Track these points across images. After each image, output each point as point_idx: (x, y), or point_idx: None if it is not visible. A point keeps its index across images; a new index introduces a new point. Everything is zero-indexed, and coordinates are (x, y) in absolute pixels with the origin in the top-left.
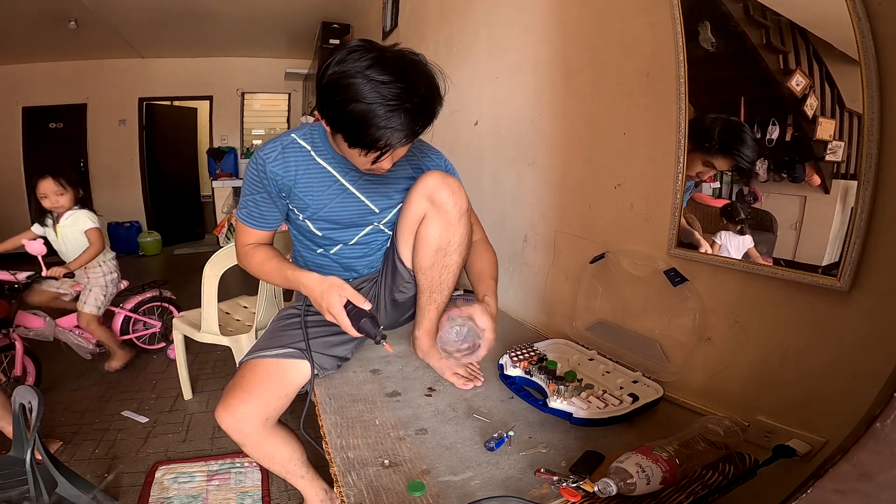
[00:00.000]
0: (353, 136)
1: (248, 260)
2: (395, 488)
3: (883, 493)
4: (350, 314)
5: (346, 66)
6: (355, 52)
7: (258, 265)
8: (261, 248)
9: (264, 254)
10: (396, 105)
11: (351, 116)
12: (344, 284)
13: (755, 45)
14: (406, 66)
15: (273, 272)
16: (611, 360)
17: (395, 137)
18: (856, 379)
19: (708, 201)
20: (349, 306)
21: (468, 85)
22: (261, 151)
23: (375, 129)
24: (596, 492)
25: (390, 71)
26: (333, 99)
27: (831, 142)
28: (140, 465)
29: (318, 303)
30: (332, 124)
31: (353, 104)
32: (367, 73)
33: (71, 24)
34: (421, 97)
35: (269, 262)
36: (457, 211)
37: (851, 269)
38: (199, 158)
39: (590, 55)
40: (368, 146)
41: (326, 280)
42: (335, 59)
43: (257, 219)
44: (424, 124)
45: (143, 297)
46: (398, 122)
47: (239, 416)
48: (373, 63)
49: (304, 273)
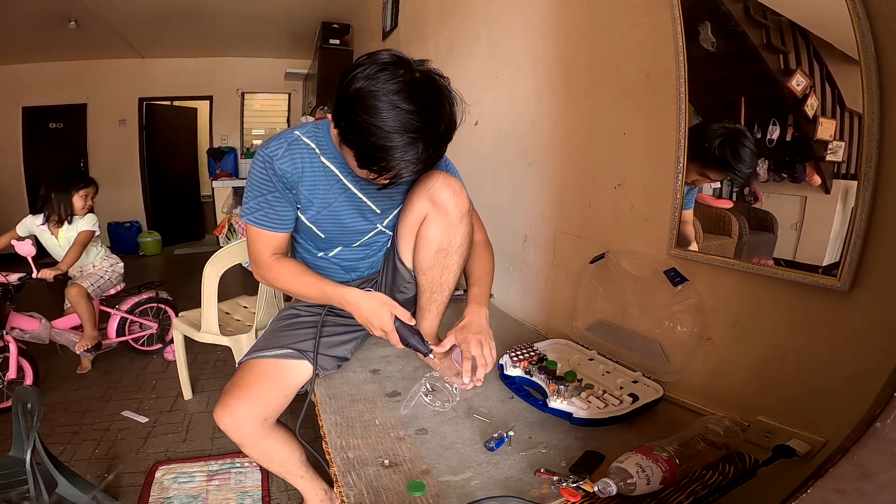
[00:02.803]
0: (365, 160)
1: (273, 273)
2: (395, 488)
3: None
4: (398, 330)
5: (373, 84)
6: (385, 70)
7: (288, 278)
8: (287, 260)
9: (294, 266)
10: (416, 138)
11: (369, 141)
12: (393, 302)
13: (755, 45)
14: (432, 95)
15: (307, 286)
16: (611, 360)
17: (407, 169)
18: (856, 379)
19: (709, 202)
20: (397, 322)
21: (468, 85)
22: (265, 150)
23: (391, 160)
24: (596, 492)
25: (416, 100)
26: (354, 118)
27: (832, 142)
28: (140, 465)
29: (367, 319)
30: (346, 140)
31: (374, 129)
32: (393, 99)
33: (71, 24)
34: (441, 132)
35: (302, 276)
36: (458, 212)
37: (851, 269)
38: (199, 158)
39: (590, 55)
40: (379, 172)
41: (373, 297)
42: (363, 72)
43: (274, 220)
44: (437, 158)
45: (140, 298)
46: (414, 155)
47: (238, 417)
48: (401, 88)
49: (347, 289)
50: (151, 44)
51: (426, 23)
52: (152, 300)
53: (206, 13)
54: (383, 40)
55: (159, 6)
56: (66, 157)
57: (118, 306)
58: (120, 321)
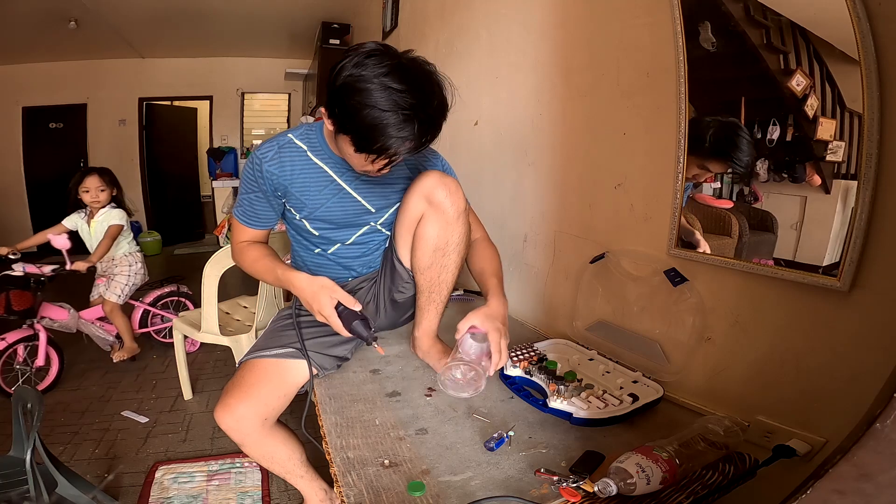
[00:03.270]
0: (362, 142)
1: (241, 257)
2: (395, 488)
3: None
4: (341, 315)
5: (362, 70)
6: (372, 56)
7: (251, 263)
8: (254, 246)
9: (257, 252)
10: (410, 115)
11: (364, 122)
12: (334, 286)
13: (755, 45)
14: (421, 76)
15: (265, 271)
16: (611, 360)
17: (404, 147)
18: (855, 379)
19: (709, 201)
20: (340, 307)
21: (468, 85)
22: (257, 151)
23: (387, 138)
24: (596, 492)
25: (407, 80)
26: (347, 102)
27: (832, 142)
28: (140, 465)
29: (309, 304)
30: (341, 127)
31: (368, 109)
32: (383, 81)
33: (71, 24)
34: (434, 109)
35: (262, 261)
36: (454, 211)
37: (851, 269)
38: (199, 158)
39: (590, 55)
40: (377, 153)
41: (316, 281)
42: (351, 60)
43: (251, 217)
44: (432, 136)
45: (162, 291)
46: (410, 132)
47: (238, 416)
48: (390, 70)
49: (294, 273)
50: (151, 44)
51: (426, 23)
52: (174, 294)
53: (206, 13)
54: (383, 40)
55: (159, 6)
56: (66, 157)
57: (142, 299)
58: (143, 313)
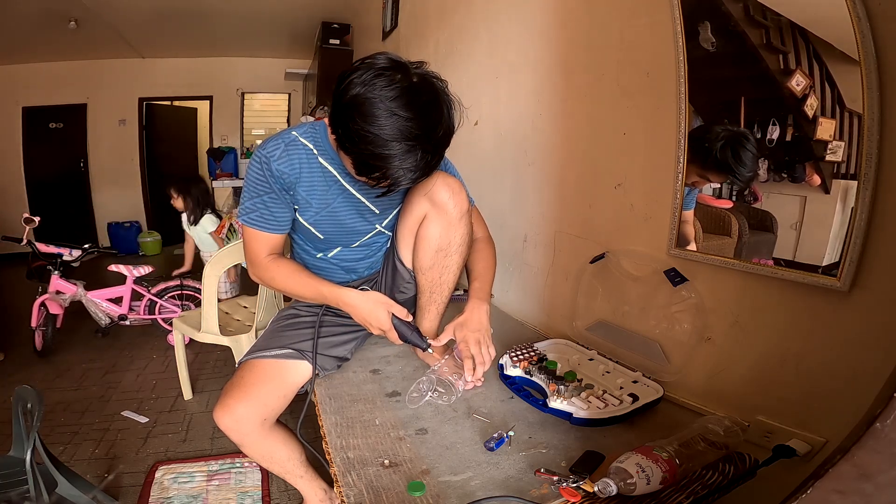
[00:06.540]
0: (363, 167)
1: (269, 273)
2: (395, 488)
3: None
4: (396, 327)
5: (371, 91)
6: (382, 75)
7: (284, 278)
8: (283, 260)
9: (290, 266)
10: (414, 146)
11: (367, 148)
12: (388, 300)
13: (755, 45)
14: (430, 100)
15: (303, 287)
16: (611, 360)
17: (406, 177)
18: (856, 379)
19: (709, 201)
20: (393, 319)
21: (468, 85)
22: (262, 150)
23: (388, 168)
24: (596, 492)
25: (414, 107)
26: (352, 125)
27: (831, 142)
28: (140, 465)
29: (365, 319)
30: (344, 147)
31: (372, 136)
32: (390, 106)
33: (71, 24)
34: (438, 138)
35: (298, 276)
36: (457, 211)
37: (851, 269)
38: (199, 158)
39: (590, 55)
40: (377, 180)
41: (369, 297)
42: (360, 77)
43: (270, 221)
44: (435, 165)
45: (168, 284)
46: (412, 162)
47: (237, 417)
48: (398, 94)
49: (344, 290)
50: (151, 44)
51: (426, 23)
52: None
53: (206, 13)
54: (383, 40)
55: (159, 6)
56: (66, 157)
57: (150, 289)
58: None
